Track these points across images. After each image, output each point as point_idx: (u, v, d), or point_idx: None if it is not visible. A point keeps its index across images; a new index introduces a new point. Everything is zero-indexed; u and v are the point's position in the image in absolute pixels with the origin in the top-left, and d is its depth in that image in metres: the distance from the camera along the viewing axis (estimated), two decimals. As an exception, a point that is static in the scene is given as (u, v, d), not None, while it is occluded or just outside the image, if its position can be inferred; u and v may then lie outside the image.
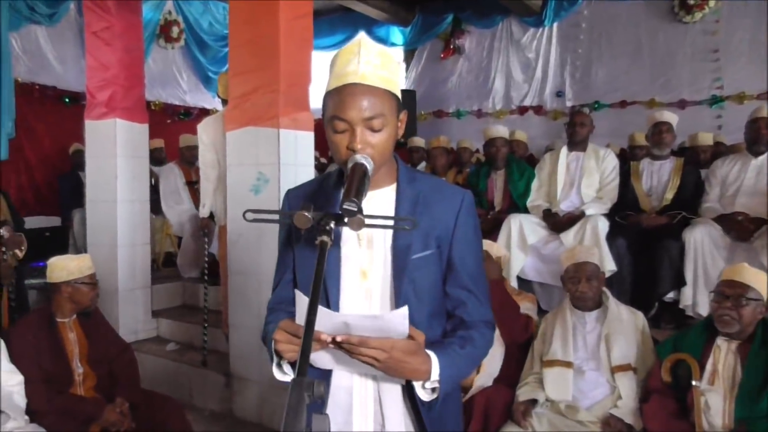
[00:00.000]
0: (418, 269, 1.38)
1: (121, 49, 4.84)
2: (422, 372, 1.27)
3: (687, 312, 3.75)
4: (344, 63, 1.31)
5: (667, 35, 7.20)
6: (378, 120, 1.30)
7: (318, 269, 1.06)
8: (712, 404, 2.57)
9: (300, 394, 0.84)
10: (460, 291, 1.43)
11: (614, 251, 3.92)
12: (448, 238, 1.41)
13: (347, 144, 1.30)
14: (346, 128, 1.30)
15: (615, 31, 7.55)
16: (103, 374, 3.14)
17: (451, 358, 1.32)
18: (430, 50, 9.12)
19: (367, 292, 1.40)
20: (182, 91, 9.04)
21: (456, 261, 1.42)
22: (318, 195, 1.47)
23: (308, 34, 3.94)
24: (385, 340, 1.19)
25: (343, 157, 1.31)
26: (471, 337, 1.39)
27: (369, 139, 1.30)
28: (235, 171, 3.93)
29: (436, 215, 1.40)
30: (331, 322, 1.18)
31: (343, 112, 1.28)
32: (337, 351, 1.24)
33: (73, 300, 3.07)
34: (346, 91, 1.29)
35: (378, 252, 1.40)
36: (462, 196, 1.44)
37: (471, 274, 1.44)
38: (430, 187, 1.45)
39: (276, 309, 1.51)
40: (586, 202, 4.30)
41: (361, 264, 1.40)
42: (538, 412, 2.93)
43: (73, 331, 3.10)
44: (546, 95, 8.07)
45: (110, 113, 4.83)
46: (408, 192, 1.42)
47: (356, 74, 1.29)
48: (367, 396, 1.41)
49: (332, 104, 1.31)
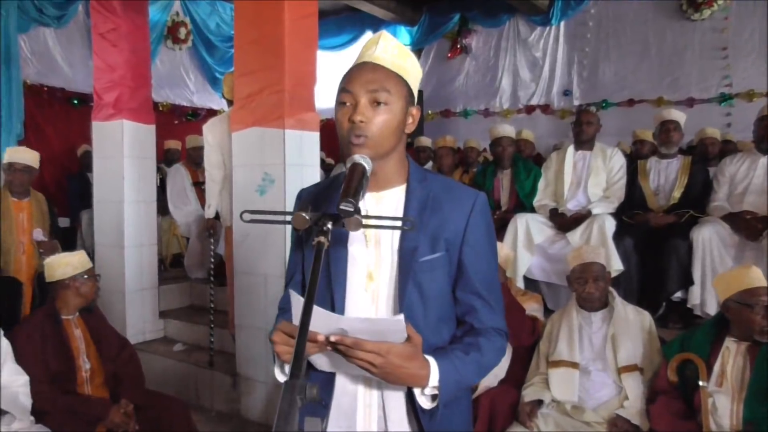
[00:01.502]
0: (425, 272, 1.33)
1: (127, 50, 4.86)
2: (420, 377, 1.23)
3: (695, 311, 3.73)
4: (366, 49, 1.36)
5: (675, 33, 7.16)
6: (382, 93, 1.28)
7: (314, 270, 1.05)
8: (719, 405, 2.54)
9: (292, 397, 0.83)
10: (471, 297, 1.38)
11: (621, 250, 3.90)
12: (458, 240, 1.36)
13: (349, 116, 1.29)
14: (351, 102, 1.30)
15: (622, 29, 7.52)
16: (110, 371, 3.16)
17: (453, 364, 1.27)
18: (437, 50, 9.12)
19: (373, 295, 1.37)
20: (190, 92, 9.09)
21: (467, 265, 1.37)
22: (328, 195, 1.44)
23: (314, 34, 3.94)
24: (382, 344, 1.16)
25: (345, 132, 1.30)
26: (477, 343, 1.34)
27: (370, 114, 1.28)
28: (240, 171, 3.93)
29: (446, 217, 1.36)
30: (329, 325, 1.16)
31: (349, 84, 1.31)
32: (336, 354, 1.21)
33: (81, 294, 3.10)
34: (359, 67, 1.34)
35: (385, 253, 1.37)
36: (475, 197, 1.39)
37: (483, 280, 1.38)
38: (441, 187, 1.40)
39: (287, 309, 1.46)
40: (592, 201, 4.28)
41: (368, 265, 1.37)
42: (544, 413, 2.92)
43: (78, 328, 3.12)
44: (553, 94, 8.05)
45: (117, 114, 4.85)
46: (418, 192, 1.38)
47: (371, 57, 1.33)
48: (371, 401, 1.37)
49: (342, 80, 1.34)
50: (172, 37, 8.72)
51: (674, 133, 4.22)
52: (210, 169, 4.31)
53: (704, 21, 6.95)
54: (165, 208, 6.03)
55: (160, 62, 8.47)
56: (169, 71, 8.75)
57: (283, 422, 0.81)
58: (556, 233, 4.25)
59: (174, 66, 8.87)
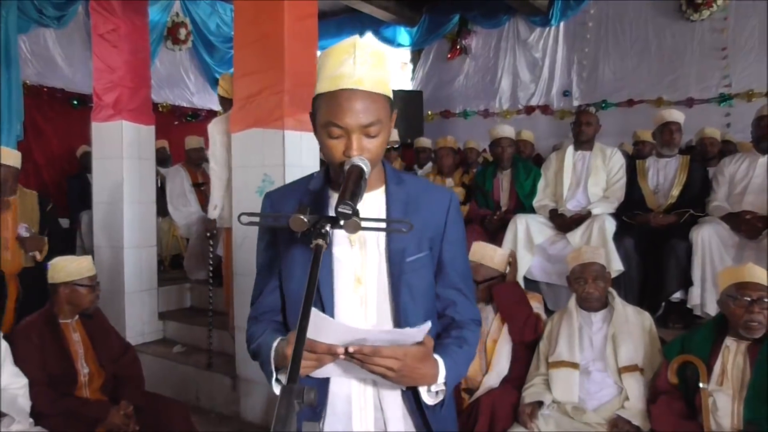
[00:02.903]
0: (414, 271, 1.37)
1: (127, 51, 4.87)
2: (432, 376, 1.28)
3: (695, 312, 3.72)
4: (337, 63, 1.28)
5: (674, 33, 7.15)
6: (375, 127, 1.28)
7: (312, 273, 1.05)
8: (720, 405, 2.53)
9: (290, 402, 0.83)
10: (451, 291, 1.44)
11: (622, 250, 3.89)
12: (439, 238, 1.42)
13: (343, 150, 1.28)
14: (342, 134, 1.28)
15: (622, 29, 7.51)
16: (109, 375, 3.15)
17: (453, 359, 1.32)
18: (436, 50, 9.11)
19: (362, 298, 1.37)
20: (190, 93, 9.07)
21: (446, 261, 1.43)
22: (304, 196, 1.43)
23: (313, 34, 3.93)
24: (398, 348, 1.18)
25: (337, 161, 1.30)
26: (465, 336, 1.40)
27: (365, 145, 1.28)
28: (240, 173, 3.93)
29: (427, 216, 1.40)
30: (348, 337, 1.17)
31: (340, 119, 1.26)
32: (343, 361, 1.22)
33: (71, 302, 3.07)
34: (342, 97, 1.27)
35: (372, 255, 1.38)
36: (450, 196, 1.46)
37: (461, 274, 1.46)
38: (418, 188, 1.45)
39: (260, 319, 1.46)
40: (592, 201, 4.28)
41: (354, 268, 1.37)
42: (545, 414, 2.91)
43: (76, 332, 3.11)
44: (553, 95, 8.04)
45: (117, 115, 4.85)
46: (397, 194, 1.41)
47: (352, 78, 1.26)
48: (366, 403, 1.38)
49: (327, 109, 1.29)
50: (172, 37, 8.71)
51: (676, 134, 4.22)
52: (216, 168, 4.25)
53: (703, 21, 6.94)
54: (164, 209, 6.02)
55: (160, 63, 8.46)
56: (169, 72, 8.74)
57: (281, 426, 0.81)
58: (556, 233, 4.25)
59: (174, 67, 8.86)
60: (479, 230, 4.49)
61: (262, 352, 1.33)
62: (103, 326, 3.29)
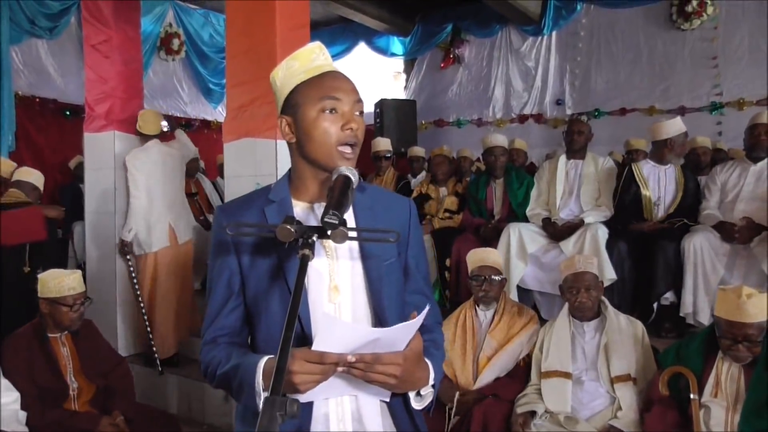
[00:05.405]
0: (389, 275, 1.38)
1: (119, 61, 4.86)
2: (425, 379, 1.27)
3: (688, 320, 3.71)
4: (310, 59, 1.34)
5: (665, 42, 7.21)
6: (361, 104, 1.34)
7: (298, 283, 1.05)
8: (714, 415, 2.52)
9: (272, 414, 0.82)
10: (417, 296, 1.45)
11: (615, 256, 3.88)
12: (405, 244, 1.44)
13: (342, 124, 1.29)
14: (338, 109, 1.30)
15: (614, 38, 7.57)
16: (98, 389, 3.11)
17: (435, 361, 1.32)
18: (429, 60, 9.16)
19: (337, 307, 1.34)
20: (183, 103, 9.09)
21: (412, 267, 1.45)
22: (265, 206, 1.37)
23: (305, 44, 3.93)
24: (396, 354, 1.16)
25: (334, 140, 1.30)
26: (436, 339, 1.42)
27: (358, 122, 1.32)
28: (233, 183, 3.91)
29: (392, 224, 1.38)
30: (358, 340, 1.12)
31: (335, 91, 1.30)
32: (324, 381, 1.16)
33: (52, 318, 2.99)
34: (329, 76, 1.32)
35: (344, 263, 1.35)
36: (409, 203, 1.50)
37: (424, 278, 1.49)
38: (380, 195, 1.47)
39: (218, 342, 1.36)
40: (585, 210, 4.27)
41: (329, 275, 1.34)
42: (537, 424, 2.90)
43: (65, 346, 3.06)
44: (546, 103, 8.08)
45: (109, 126, 4.84)
46: (363, 201, 1.40)
47: (330, 66, 1.35)
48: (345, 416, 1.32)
49: (318, 89, 1.30)
50: (165, 48, 8.73)
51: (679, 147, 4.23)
52: (137, 193, 4.48)
53: (694, 30, 7.01)
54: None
55: (153, 73, 8.46)
56: (162, 82, 8.75)
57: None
58: (549, 242, 4.24)
59: (167, 77, 8.88)
60: (472, 239, 4.48)
61: (242, 373, 1.23)
62: (94, 340, 3.24)
